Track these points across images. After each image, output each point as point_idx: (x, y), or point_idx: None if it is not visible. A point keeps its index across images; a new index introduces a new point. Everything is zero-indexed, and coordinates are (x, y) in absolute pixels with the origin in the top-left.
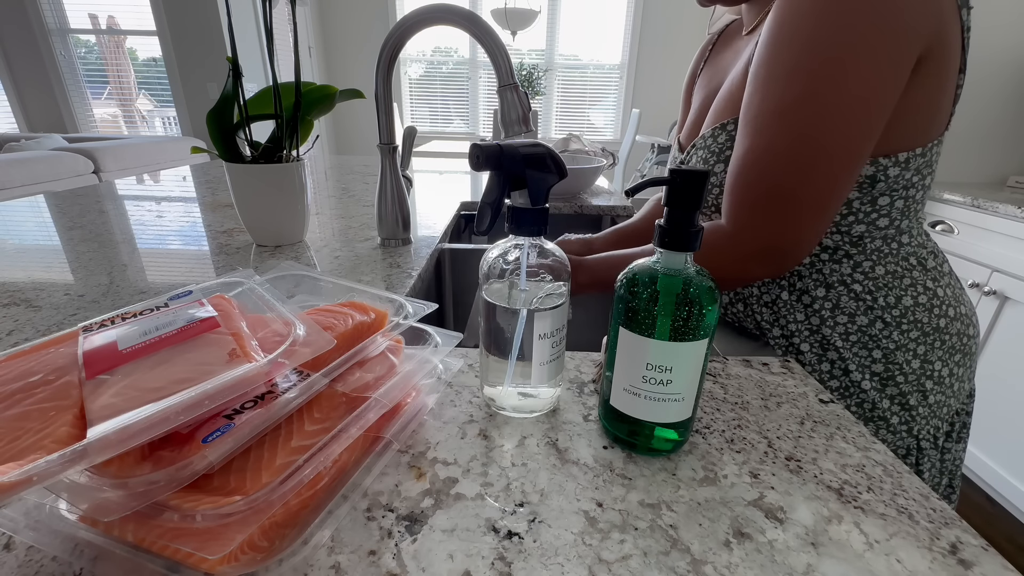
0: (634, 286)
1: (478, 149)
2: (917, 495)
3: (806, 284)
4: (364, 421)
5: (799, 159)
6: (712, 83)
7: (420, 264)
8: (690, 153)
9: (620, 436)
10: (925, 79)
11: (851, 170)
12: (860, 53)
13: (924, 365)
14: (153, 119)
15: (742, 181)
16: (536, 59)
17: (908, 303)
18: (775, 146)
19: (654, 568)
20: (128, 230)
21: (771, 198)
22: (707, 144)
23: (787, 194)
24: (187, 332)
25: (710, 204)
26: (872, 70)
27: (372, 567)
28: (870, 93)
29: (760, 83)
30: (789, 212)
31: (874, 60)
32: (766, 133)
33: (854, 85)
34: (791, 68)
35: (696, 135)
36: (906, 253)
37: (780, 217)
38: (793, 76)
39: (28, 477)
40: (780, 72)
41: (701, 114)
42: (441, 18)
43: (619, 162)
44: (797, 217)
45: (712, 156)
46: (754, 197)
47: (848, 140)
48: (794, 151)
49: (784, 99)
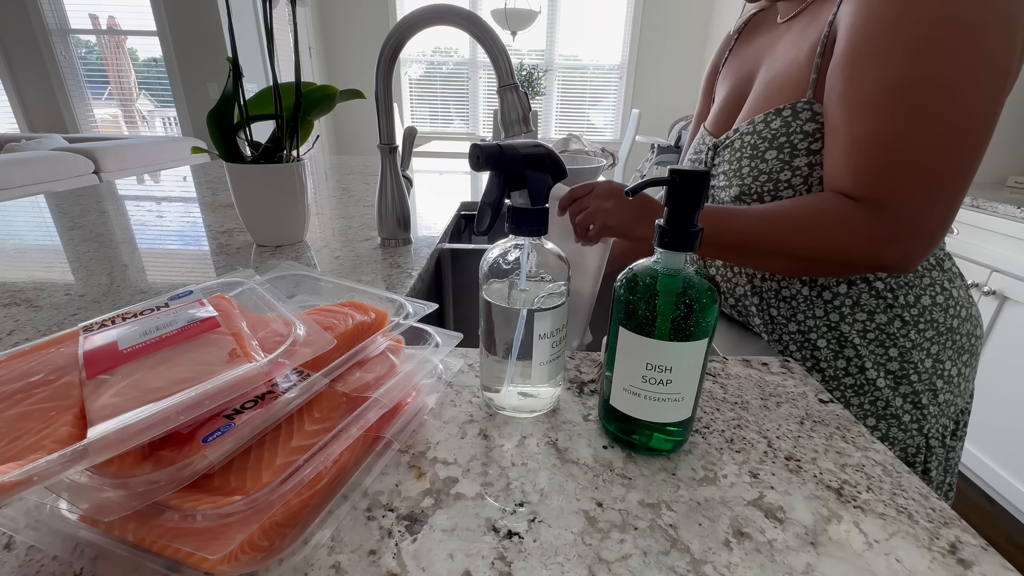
0: (634, 286)
1: (478, 149)
2: (916, 495)
3: (827, 280)
4: (364, 421)
5: (948, 140)
6: (741, 72)
7: (420, 264)
8: (732, 138)
9: (620, 436)
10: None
11: (986, 148)
12: (991, 19)
13: (936, 364)
14: (153, 119)
15: (878, 161)
16: (536, 59)
17: (926, 302)
18: (916, 121)
19: (654, 568)
20: (129, 230)
21: (926, 181)
22: (757, 129)
23: (942, 178)
24: (187, 332)
25: (748, 185)
26: (1004, 36)
27: (372, 567)
28: (1003, 60)
29: (873, 61)
30: (937, 191)
31: (1011, 28)
32: (899, 109)
33: (996, 53)
34: (918, 43)
35: (728, 124)
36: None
37: (927, 196)
38: (921, 51)
39: (28, 477)
40: (902, 48)
41: (730, 103)
42: (441, 18)
43: (619, 162)
44: (945, 196)
45: (764, 142)
46: (899, 175)
47: (988, 114)
48: (941, 131)
49: (914, 75)
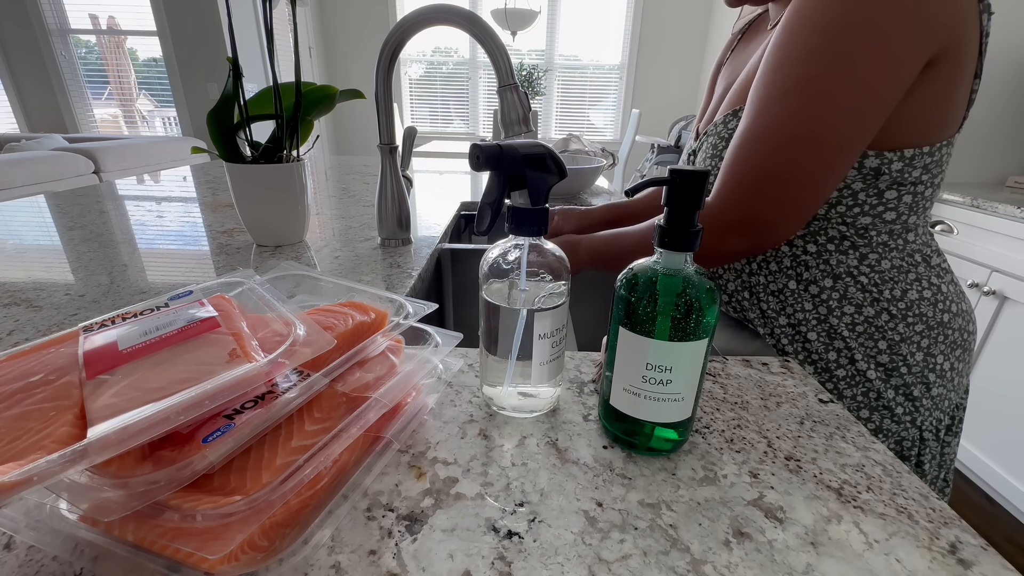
0: (634, 286)
1: (478, 149)
2: (916, 495)
3: (813, 274)
4: (364, 421)
5: (791, 141)
6: (732, 74)
7: (420, 264)
8: (702, 140)
9: (620, 436)
10: (936, 79)
11: (843, 159)
12: (869, 45)
13: (927, 358)
14: (153, 119)
15: (734, 158)
16: (536, 59)
17: (913, 297)
18: (771, 126)
19: (654, 568)
20: (128, 230)
21: (758, 176)
22: (718, 131)
23: (773, 174)
24: (187, 332)
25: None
26: (879, 63)
27: (372, 567)
28: (873, 86)
29: (769, 67)
30: (773, 191)
31: (882, 54)
32: (766, 114)
33: (860, 76)
34: (801, 55)
35: (711, 123)
36: (912, 250)
37: (763, 194)
38: (802, 62)
39: (28, 477)
40: (790, 57)
41: (718, 104)
42: (441, 18)
43: (619, 162)
44: (780, 197)
45: (722, 142)
46: (742, 173)
47: (843, 129)
48: (788, 133)
49: (787, 83)
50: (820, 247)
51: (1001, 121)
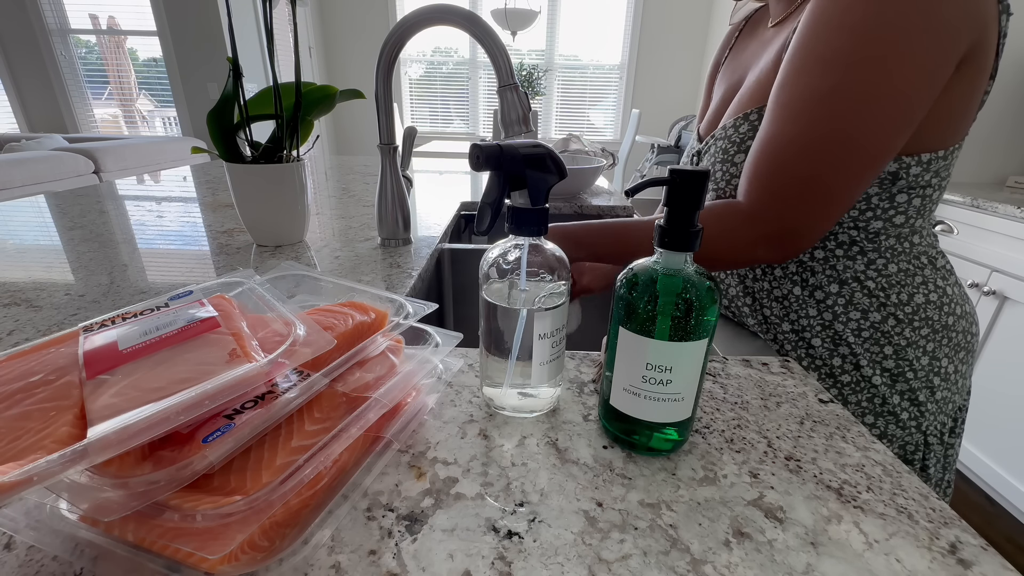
0: (634, 286)
1: (478, 149)
2: (916, 495)
3: (819, 280)
4: (364, 421)
5: (831, 149)
6: (735, 74)
7: (420, 264)
8: (709, 143)
9: (620, 436)
10: (961, 82)
11: (879, 165)
12: (905, 49)
13: (933, 362)
14: (153, 119)
15: (768, 166)
16: (536, 59)
17: (920, 300)
18: (807, 134)
19: (654, 568)
20: (128, 230)
21: (798, 186)
22: (728, 134)
23: (814, 183)
24: (187, 332)
25: (722, 189)
26: (914, 67)
27: (372, 567)
28: (909, 90)
29: (796, 69)
30: (813, 201)
31: (918, 58)
32: (799, 120)
33: (896, 80)
34: (831, 57)
35: (716, 126)
36: (918, 252)
37: (803, 205)
38: (833, 65)
39: (28, 477)
40: (819, 60)
41: (723, 105)
42: (441, 18)
43: (619, 162)
44: (819, 206)
45: (733, 146)
46: (780, 183)
47: (882, 135)
48: (827, 141)
49: (821, 87)
50: (828, 252)
51: (1002, 121)
